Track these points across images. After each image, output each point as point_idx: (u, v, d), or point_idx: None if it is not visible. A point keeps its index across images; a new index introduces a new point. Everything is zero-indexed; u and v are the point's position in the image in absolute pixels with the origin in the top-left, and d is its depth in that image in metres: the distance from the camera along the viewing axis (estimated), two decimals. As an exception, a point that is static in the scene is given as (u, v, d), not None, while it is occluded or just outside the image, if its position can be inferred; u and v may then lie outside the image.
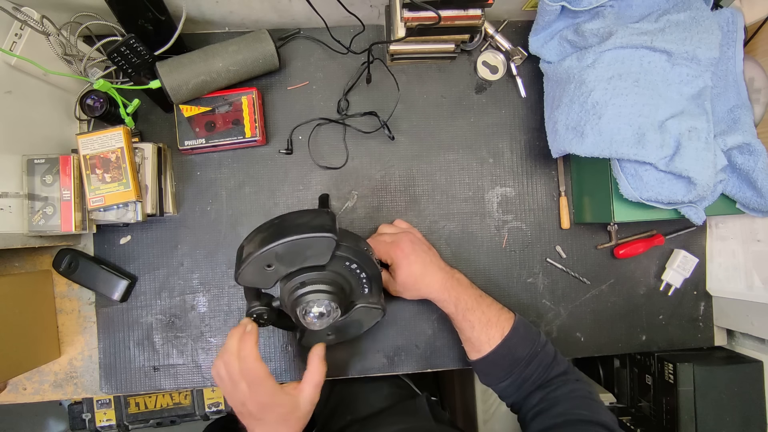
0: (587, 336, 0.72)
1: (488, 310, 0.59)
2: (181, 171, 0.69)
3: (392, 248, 0.60)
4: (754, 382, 0.68)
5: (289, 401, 0.51)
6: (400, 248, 0.60)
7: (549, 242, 0.72)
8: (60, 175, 0.60)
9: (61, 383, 0.68)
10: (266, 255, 0.46)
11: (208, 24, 0.67)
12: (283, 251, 0.46)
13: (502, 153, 0.72)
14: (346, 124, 0.70)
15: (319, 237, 0.46)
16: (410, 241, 0.61)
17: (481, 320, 0.58)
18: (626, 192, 0.58)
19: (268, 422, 0.50)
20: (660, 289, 0.73)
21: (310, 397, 0.53)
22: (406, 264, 0.59)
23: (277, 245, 0.46)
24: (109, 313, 0.68)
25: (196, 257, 0.69)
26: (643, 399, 0.78)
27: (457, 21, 0.59)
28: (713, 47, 0.56)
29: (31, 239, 0.60)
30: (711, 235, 0.73)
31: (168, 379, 0.69)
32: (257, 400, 0.49)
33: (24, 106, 0.59)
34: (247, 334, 0.50)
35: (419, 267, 0.60)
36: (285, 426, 0.51)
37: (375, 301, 0.56)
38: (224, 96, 0.65)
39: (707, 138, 0.56)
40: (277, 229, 0.48)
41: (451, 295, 0.59)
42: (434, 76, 0.71)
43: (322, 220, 0.48)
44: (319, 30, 0.68)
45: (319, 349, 0.56)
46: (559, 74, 0.62)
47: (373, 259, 0.52)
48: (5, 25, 0.54)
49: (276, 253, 0.46)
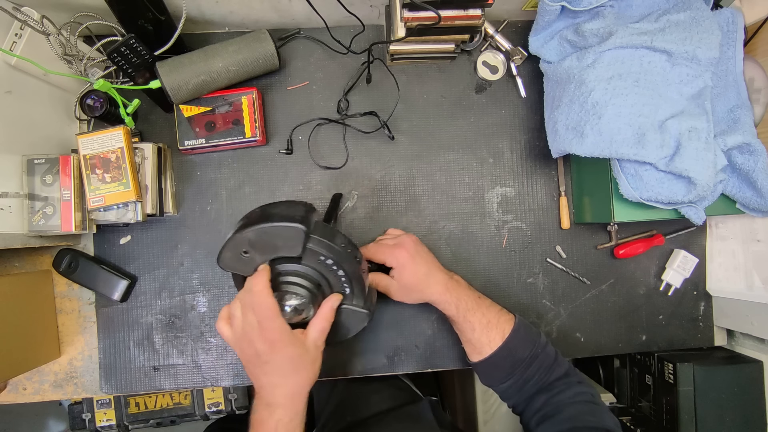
0: (587, 336, 0.72)
1: (488, 312, 0.59)
2: (181, 171, 0.69)
3: (396, 250, 0.59)
4: (754, 382, 0.68)
5: (299, 342, 0.49)
6: (405, 249, 0.59)
7: (549, 242, 0.72)
8: (60, 175, 0.60)
9: (61, 383, 0.68)
10: (239, 241, 0.47)
11: (208, 24, 0.67)
12: (254, 238, 0.47)
13: (502, 153, 0.72)
14: (346, 124, 0.70)
15: (286, 226, 0.46)
16: (414, 242, 0.61)
17: (482, 322, 0.58)
18: (626, 192, 0.58)
19: (276, 364, 0.48)
20: (660, 289, 0.73)
21: (316, 341, 0.51)
22: (411, 264, 0.59)
23: (247, 231, 0.46)
24: (109, 313, 0.68)
25: (196, 257, 0.69)
26: (643, 399, 0.78)
27: (457, 21, 0.59)
28: (713, 47, 0.56)
29: (31, 239, 0.60)
30: (711, 235, 0.73)
31: (168, 379, 0.69)
32: (267, 337, 0.47)
33: (24, 106, 0.59)
34: (259, 272, 0.49)
35: (424, 267, 0.59)
36: (293, 369, 0.49)
37: (359, 304, 0.54)
38: (224, 96, 0.65)
39: (707, 138, 0.56)
40: (256, 216, 0.48)
41: (453, 296, 0.59)
42: (434, 76, 0.71)
43: (294, 210, 0.49)
44: (319, 30, 0.68)
45: (334, 300, 0.53)
46: (559, 74, 0.62)
47: (353, 256, 0.50)
48: (5, 25, 0.54)
49: (248, 239, 0.47)
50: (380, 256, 0.60)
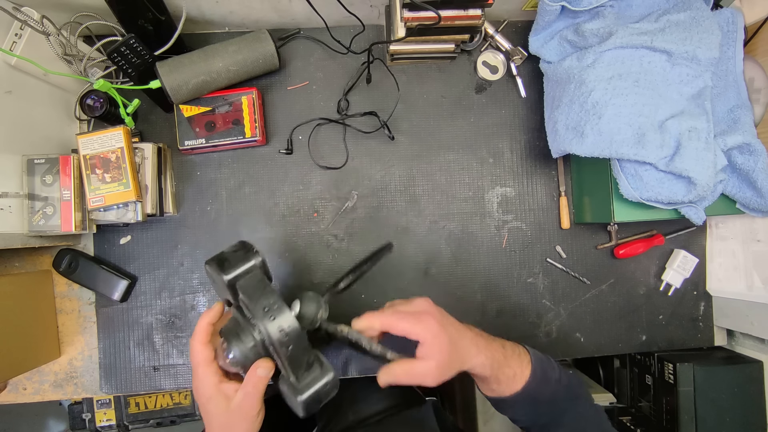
0: (587, 336, 0.72)
1: (512, 362, 0.51)
2: (181, 171, 0.69)
3: (424, 318, 0.46)
4: (754, 382, 0.68)
5: (221, 399, 0.43)
6: (432, 315, 0.47)
7: (549, 242, 0.72)
8: (60, 175, 0.60)
9: (61, 383, 0.68)
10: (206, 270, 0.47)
11: (208, 24, 0.67)
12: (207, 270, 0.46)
13: (502, 153, 0.72)
14: (346, 124, 0.70)
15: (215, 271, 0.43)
16: (432, 304, 0.49)
17: (508, 375, 0.50)
18: (626, 192, 0.58)
19: (205, 415, 0.44)
20: (660, 289, 0.73)
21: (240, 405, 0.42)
22: (443, 334, 0.45)
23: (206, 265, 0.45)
24: (109, 313, 0.68)
25: (196, 257, 0.69)
26: (643, 399, 0.78)
27: (457, 21, 0.59)
28: (713, 47, 0.56)
29: (31, 239, 0.60)
30: (711, 235, 0.73)
31: (168, 379, 0.69)
32: (194, 383, 0.44)
33: (24, 106, 0.59)
34: (206, 311, 0.46)
35: (455, 333, 0.48)
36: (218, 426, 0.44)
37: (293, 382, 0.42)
38: (224, 96, 0.65)
39: (707, 138, 0.56)
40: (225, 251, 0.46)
41: (487, 357, 0.49)
42: (434, 76, 0.71)
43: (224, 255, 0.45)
44: (319, 30, 0.68)
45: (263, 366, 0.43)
46: (559, 74, 0.62)
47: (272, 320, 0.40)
48: (5, 25, 0.54)
49: (206, 270, 0.46)
50: (402, 326, 0.45)
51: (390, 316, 0.46)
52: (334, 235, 0.70)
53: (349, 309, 0.70)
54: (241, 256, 0.45)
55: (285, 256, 0.69)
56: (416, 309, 0.48)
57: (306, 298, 0.46)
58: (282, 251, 0.69)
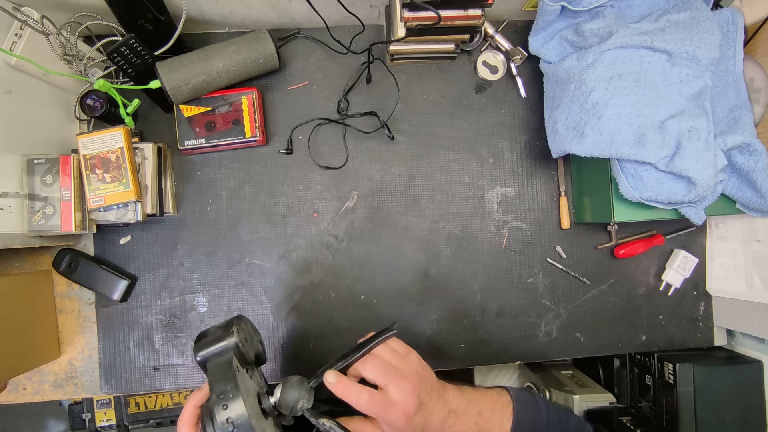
0: (587, 336, 0.72)
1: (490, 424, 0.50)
2: (181, 171, 0.69)
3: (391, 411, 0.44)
4: (754, 382, 0.68)
5: None
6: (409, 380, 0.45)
7: (549, 242, 0.72)
8: (60, 175, 0.60)
9: (61, 383, 0.68)
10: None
11: (208, 24, 0.67)
12: None
13: (502, 153, 0.72)
14: (346, 124, 0.70)
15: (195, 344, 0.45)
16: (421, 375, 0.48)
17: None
18: (626, 192, 0.58)
19: None
20: (660, 289, 0.73)
21: None
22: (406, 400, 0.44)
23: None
24: (109, 313, 0.68)
25: (196, 257, 0.69)
26: (643, 399, 0.78)
27: (457, 21, 0.59)
28: (713, 47, 0.56)
29: (31, 239, 0.60)
30: (711, 235, 0.73)
31: (168, 379, 0.69)
32: None
33: (24, 106, 0.59)
34: (194, 392, 0.47)
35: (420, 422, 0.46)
36: None
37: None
38: (224, 96, 0.65)
39: (707, 138, 0.56)
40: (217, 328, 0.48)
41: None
42: (434, 76, 0.71)
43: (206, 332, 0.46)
44: (319, 30, 0.68)
45: None
46: (559, 74, 0.62)
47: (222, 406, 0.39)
48: (5, 25, 0.54)
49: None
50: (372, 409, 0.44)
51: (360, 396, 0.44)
52: (334, 236, 0.70)
53: (349, 309, 0.70)
54: (219, 334, 0.45)
55: (285, 256, 0.69)
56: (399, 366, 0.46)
57: (288, 385, 0.45)
58: (282, 251, 0.69)
